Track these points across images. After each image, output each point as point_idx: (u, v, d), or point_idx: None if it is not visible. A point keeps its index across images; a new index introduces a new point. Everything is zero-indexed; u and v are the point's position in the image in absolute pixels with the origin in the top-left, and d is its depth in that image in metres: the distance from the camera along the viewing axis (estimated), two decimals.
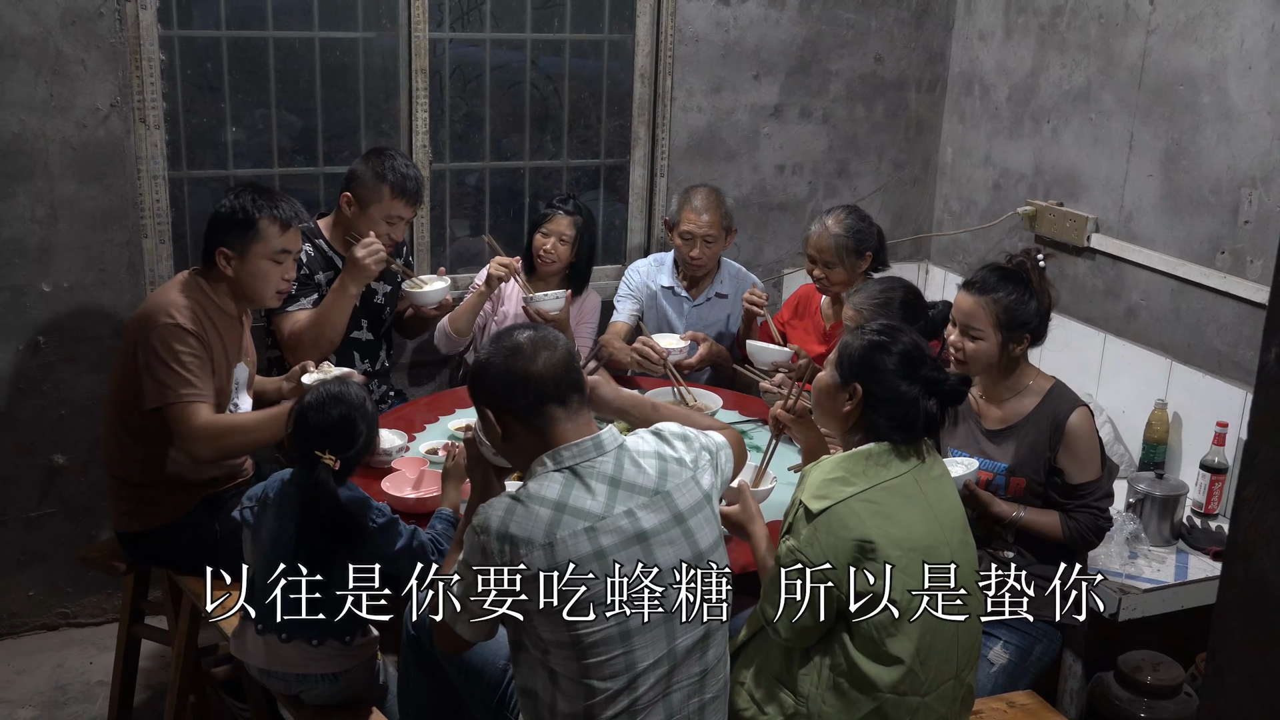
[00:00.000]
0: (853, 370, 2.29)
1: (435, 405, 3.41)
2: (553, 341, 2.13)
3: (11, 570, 3.66)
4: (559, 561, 1.97)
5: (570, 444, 2.07)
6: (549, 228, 3.73)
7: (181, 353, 2.75)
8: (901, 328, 2.38)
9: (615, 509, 2.03)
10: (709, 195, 3.79)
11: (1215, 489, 3.34)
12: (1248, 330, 3.34)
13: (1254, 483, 1.27)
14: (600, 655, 2.00)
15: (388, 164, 3.39)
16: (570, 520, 2.00)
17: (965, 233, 4.44)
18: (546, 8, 4.10)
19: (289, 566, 2.34)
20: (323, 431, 2.41)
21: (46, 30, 3.32)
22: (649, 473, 2.10)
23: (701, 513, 2.13)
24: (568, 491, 2.03)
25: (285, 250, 2.92)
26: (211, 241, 2.88)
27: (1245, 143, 3.33)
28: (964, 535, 2.29)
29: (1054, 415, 2.77)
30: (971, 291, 2.80)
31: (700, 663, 2.12)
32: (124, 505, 2.96)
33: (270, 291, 2.94)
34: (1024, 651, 2.78)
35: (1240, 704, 1.30)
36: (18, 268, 3.45)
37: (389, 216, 3.40)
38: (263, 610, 2.41)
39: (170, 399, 2.75)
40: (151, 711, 3.34)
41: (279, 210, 2.89)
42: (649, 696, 2.05)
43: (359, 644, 2.48)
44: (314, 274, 3.42)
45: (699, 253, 3.78)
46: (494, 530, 2.00)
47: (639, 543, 2.03)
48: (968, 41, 4.40)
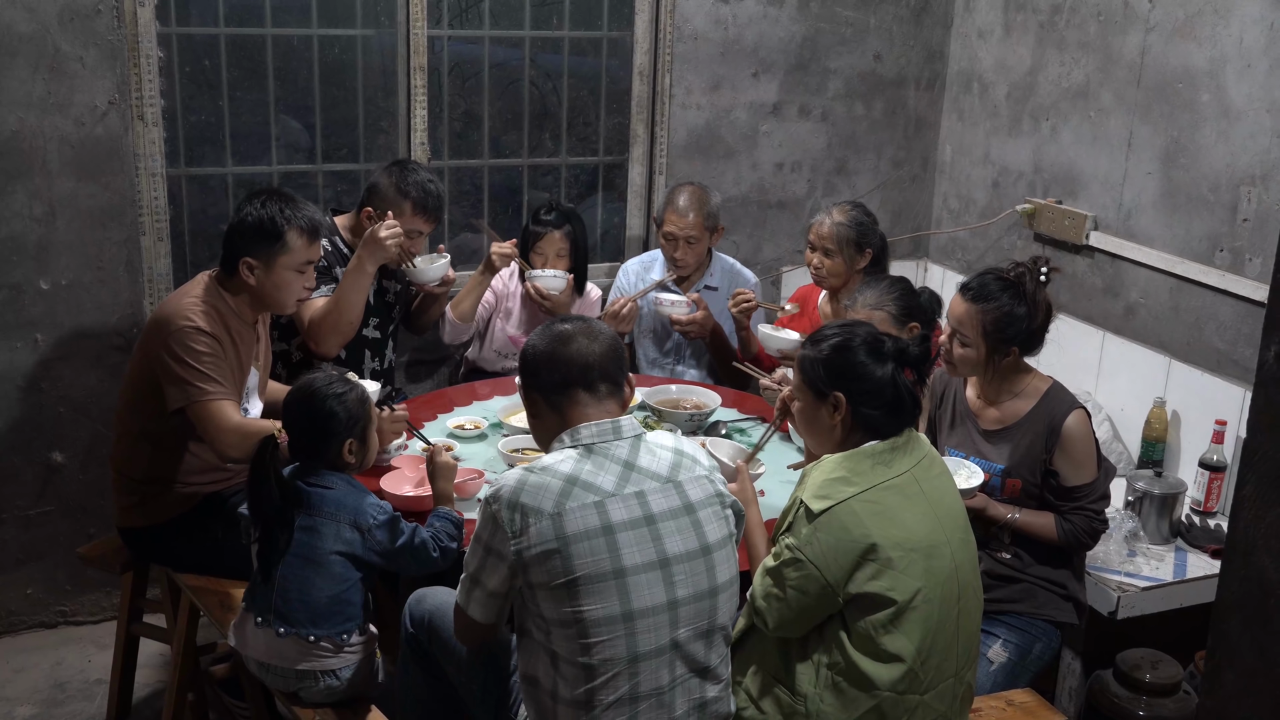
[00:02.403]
0: (828, 380, 2.27)
1: (433, 403, 3.41)
2: (596, 332, 2.21)
3: (10, 568, 3.66)
4: (566, 532, 2.01)
5: (590, 423, 2.13)
6: (542, 248, 3.72)
7: (202, 353, 2.77)
8: (850, 321, 2.38)
9: (626, 489, 2.08)
10: (693, 195, 3.78)
11: (1214, 487, 3.34)
12: (1247, 328, 3.34)
13: (1253, 481, 1.27)
14: (602, 635, 2.02)
15: (410, 178, 3.39)
16: (580, 493, 2.04)
17: (964, 230, 4.44)
18: (545, 5, 4.10)
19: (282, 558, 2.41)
20: (286, 405, 2.52)
21: (44, 27, 3.32)
22: (663, 462, 2.14)
23: (711, 507, 2.15)
24: (580, 467, 2.08)
25: (309, 261, 2.94)
26: (235, 250, 2.87)
27: (1244, 141, 3.32)
28: (964, 534, 2.28)
29: (1050, 417, 2.76)
30: (966, 297, 2.79)
31: (704, 660, 2.13)
32: (127, 500, 2.97)
33: (292, 300, 2.96)
34: (1023, 650, 2.78)
35: (1239, 701, 1.30)
36: (16, 265, 3.45)
37: (409, 230, 3.40)
38: (261, 600, 2.44)
39: (195, 398, 2.75)
40: (150, 710, 3.34)
41: (306, 221, 2.89)
42: (649, 686, 2.06)
43: (357, 641, 2.48)
44: (331, 268, 3.43)
45: (682, 253, 3.80)
46: (505, 499, 2.05)
47: (647, 525, 2.07)
48: (967, 39, 4.39)
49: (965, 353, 2.78)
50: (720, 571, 2.14)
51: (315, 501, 2.44)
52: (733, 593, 2.19)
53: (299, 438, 2.50)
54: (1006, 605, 2.80)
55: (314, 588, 2.42)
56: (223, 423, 2.76)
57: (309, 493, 2.45)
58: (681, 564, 2.08)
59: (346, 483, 2.49)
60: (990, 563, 2.80)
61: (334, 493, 2.46)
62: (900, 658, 2.14)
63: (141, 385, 2.86)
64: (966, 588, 2.24)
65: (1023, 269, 2.78)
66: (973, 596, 2.27)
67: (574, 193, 4.32)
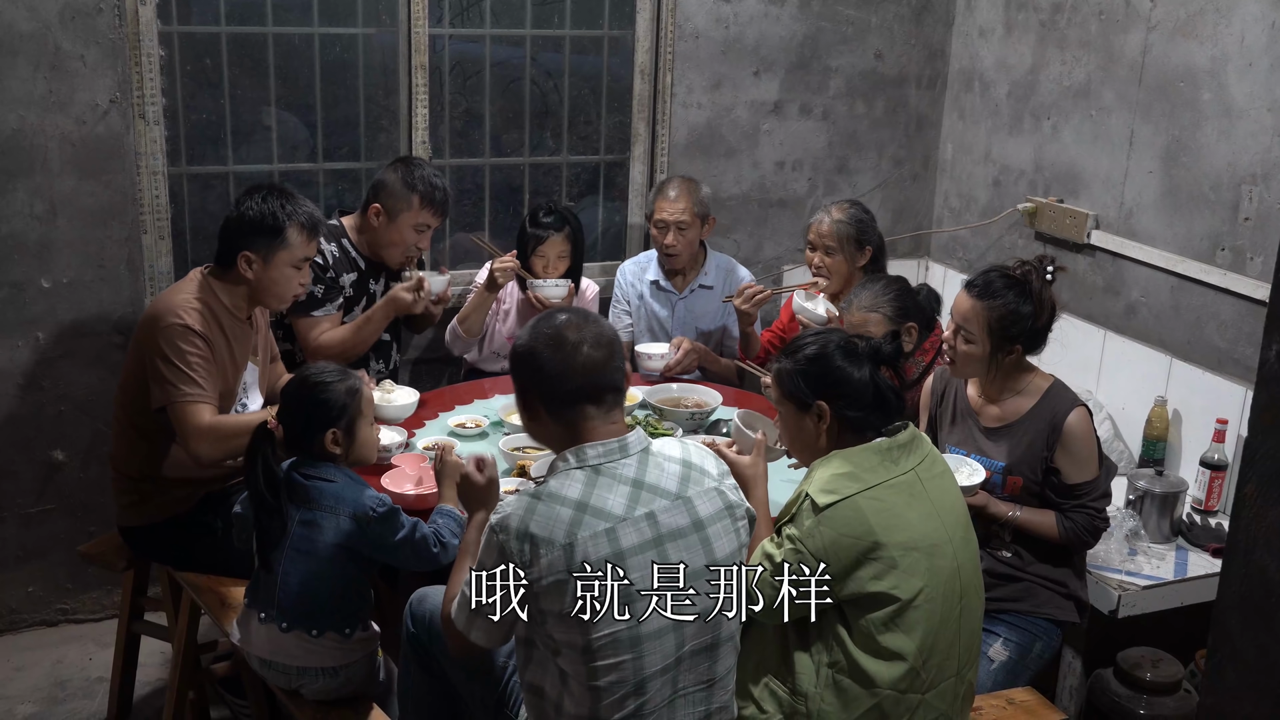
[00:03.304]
0: (810, 390, 2.27)
1: (435, 402, 3.41)
2: (599, 336, 2.07)
3: (11, 566, 3.66)
4: (577, 563, 1.94)
5: (596, 443, 2.04)
6: (544, 251, 3.71)
7: (188, 353, 2.76)
8: (820, 330, 2.39)
9: (636, 511, 2.00)
10: (682, 183, 3.79)
11: (1215, 486, 3.34)
12: (1248, 327, 3.34)
13: (1254, 479, 1.27)
14: (609, 659, 1.98)
15: (417, 173, 3.40)
16: (591, 521, 1.97)
17: (965, 229, 4.44)
18: (546, 4, 4.10)
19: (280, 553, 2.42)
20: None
21: (45, 26, 3.32)
22: (672, 476, 2.07)
23: (721, 522, 2.09)
24: (589, 491, 1.99)
25: (307, 257, 2.95)
26: (234, 244, 2.87)
27: (1245, 139, 3.32)
28: (966, 533, 2.29)
29: (1052, 415, 2.76)
30: (971, 293, 2.79)
31: (708, 671, 2.10)
32: (126, 499, 2.97)
33: (288, 295, 2.97)
34: (1024, 648, 2.78)
35: (1240, 700, 1.30)
36: (17, 264, 3.45)
37: (418, 225, 3.42)
38: (264, 595, 2.45)
39: (173, 398, 2.75)
40: (151, 708, 3.34)
41: (305, 217, 2.90)
42: (655, 702, 2.04)
43: (358, 638, 2.48)
44: (339, 275, 3.43)
45: (673, 239, 3.78)
46: (514, 529, 1.97)
47: (655, 547, 2.01)
48: (968, 38, 4.39)
49: (969, 349, 2.77)
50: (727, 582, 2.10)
51: (314, 495, 2.44)
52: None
53: (288, 427, 2.50)
54: (1007, 604, 2.80)
55: (316, 583, 2.42)
56: (194, 426, 2.75)
57: (307, 486, 2.45)
58: (689, 583, 2.03)
59: (346, 476, 2.49)
60: (991, 561, 2.80)
61: (333, 486, 2.45)
62: (902, 656, 2.14)
63: (134, 382, 2.86)
64: (968, 587, 2.25)
65: (1029, 267, 2.78)
66: (974, 595, 2.27)
67: (575, 191, 4.32)
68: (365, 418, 2.57)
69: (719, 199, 4.24)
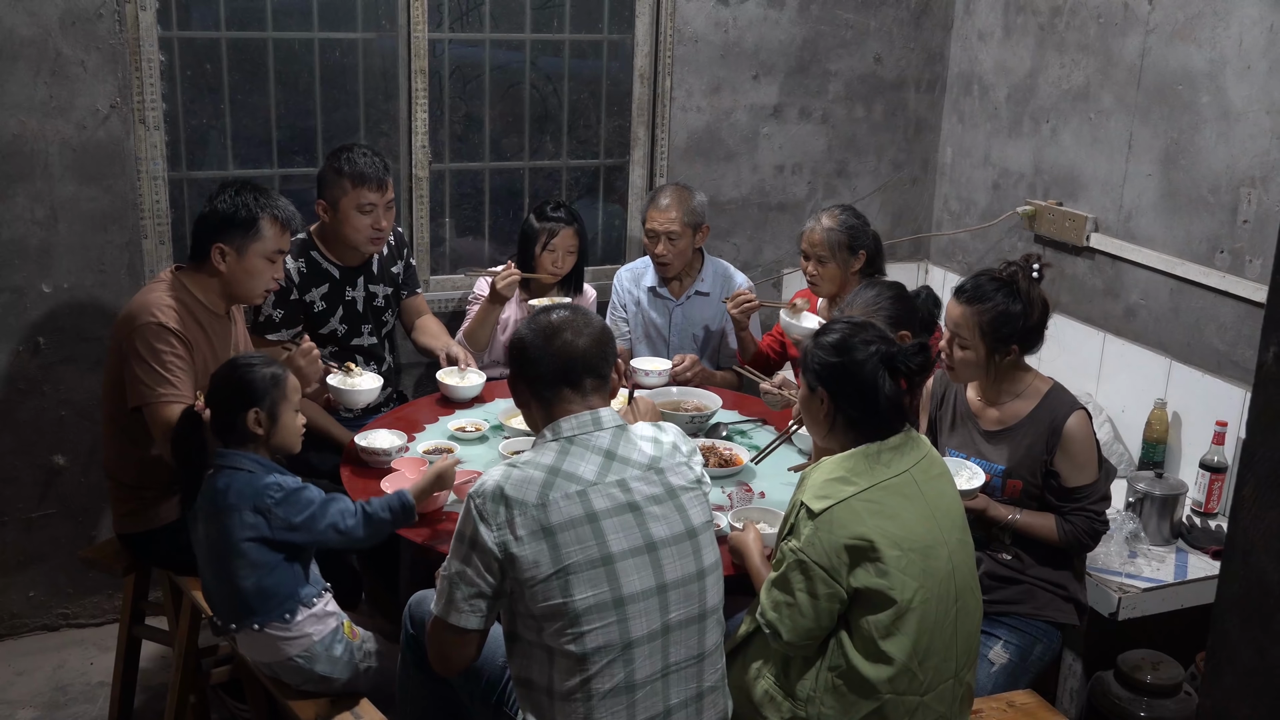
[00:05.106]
0: (818, 376, 2.31)
1: (436, 406, 3.41)
2: (584, 325, 2.21)
3: (12, 571, 3.66)
4: (551, 522, 2.04)
5: (570, 416, 2.16)
6: (555, 244, 3.70)
7: (163, 352, 2.77)
8: (857, 322, 2.38)
9: (608, 477, 2.12)
10: (674, 192, 3.79)
11: (1215, 488, 3.34)
12: (1247, 329, 3.34)
13: (1253, 481, 1.27)
14: (594, 623, 2.04)
15: (343, 156, 3.37)
16: (563, 483, 2.08)
17: (965, 232, 4.45)
18: (546, 8, 4.10)
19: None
20: (212, 377, 2.59)
21: (46, 31, 3.32)
22: (644, 450, 2.18)
23: (692, 492, 2.19)
24: (562, 458, 2.12)
25: (281, 251, 2.96)
26: (206, 237, 2.89)
27: (1244, 142, 3.33)
28: (962, 535, 2.29)
29: (1051, 418, 2.77)
30: (960, 300, 2.79)
31: (698, 646, 2.15)
32: (123, 507, 2.97)
33: (260, 289, 2.98)
34: (1024, 651, 2.78)
35: (1239, 702, 1.30)
36: (18, 268, 3.45)
37: (360, 206, 3.36)
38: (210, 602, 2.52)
39: (148, 398, 2.77)
40: (152, 712, 3.34)
41: (279, 211, 2.92)
42: (644, 674, 2.08)
43: (305, 617, 2.47)
44: (304, 294, 3.41)
45: (663, 249, 3.78)
46: (488, 493, 2.07)
47: (631, 511, 2.10)
48: (967, 41, 4.40)
49: (965, 355, 2.78)
50: (706, 554, 2.18)
51: (221, 489, 2.45)
52: (718, 575, 2.22)
53: (214, 408, 2.53)
54: (1007, 606, 2.80)
55: (237, 580, 2.43)
56: (169, 425, 2.73)
57: (216, 481, 2.46)
58: (669, 547, 2.12)
59: (257, 463, 2.49)
60: (991, 564, 2.80)
61: (236, 480, 2.45)
62: (894, 658, 2.15)
63: (115, 385, 2.87)
64: (964, 589, 2.25)
65: (1015, 267, 2.79)
66: (971, 598, 2.27)
67: (574, 195, 4.33)
68: (289, 403, 2.56)
69: (718, 203, 4.25)
